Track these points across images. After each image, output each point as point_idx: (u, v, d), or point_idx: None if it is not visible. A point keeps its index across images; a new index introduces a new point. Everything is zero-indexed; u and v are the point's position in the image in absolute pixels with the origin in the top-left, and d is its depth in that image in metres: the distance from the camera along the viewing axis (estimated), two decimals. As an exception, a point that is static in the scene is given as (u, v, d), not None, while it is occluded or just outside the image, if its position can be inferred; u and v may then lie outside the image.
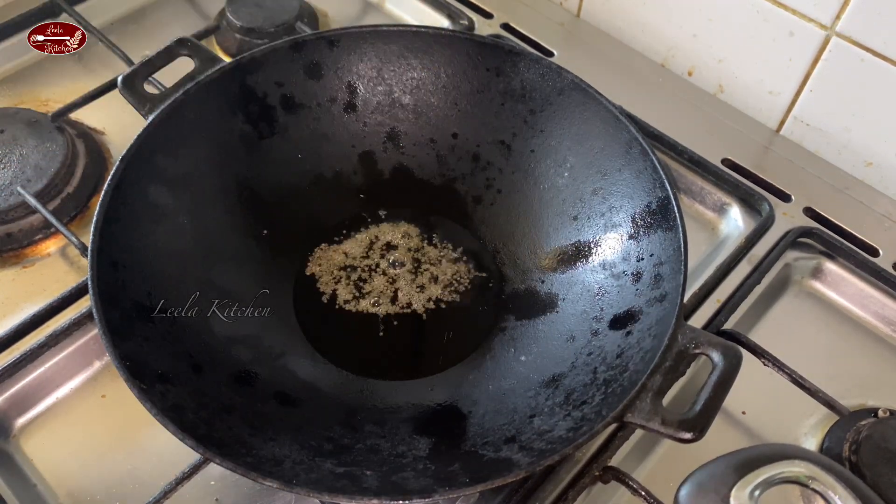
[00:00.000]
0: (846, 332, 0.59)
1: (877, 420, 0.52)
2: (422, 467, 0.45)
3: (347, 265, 0.57)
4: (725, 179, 0.65)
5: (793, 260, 0.61)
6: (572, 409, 0.45)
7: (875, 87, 0.63)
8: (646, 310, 0.48)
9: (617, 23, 0.77)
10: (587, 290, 0.53)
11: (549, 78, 0.54)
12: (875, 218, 0.64)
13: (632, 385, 0.42)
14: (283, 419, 0.47)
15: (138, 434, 0.51)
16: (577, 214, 0.55)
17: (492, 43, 0.56)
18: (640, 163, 0.51)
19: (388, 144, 0.60)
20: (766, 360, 0.54)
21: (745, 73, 0.70)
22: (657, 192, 0.50)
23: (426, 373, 0.53)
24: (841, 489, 0.40)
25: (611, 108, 0.52)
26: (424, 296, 0.56)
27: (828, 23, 0.63)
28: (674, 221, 0.48)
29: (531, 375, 0.50)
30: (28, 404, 0.53)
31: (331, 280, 0.56)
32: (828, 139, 0.68)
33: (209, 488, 0.49)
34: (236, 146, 0.55)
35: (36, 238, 0.60)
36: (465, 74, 0.57)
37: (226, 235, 0.54)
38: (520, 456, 0.43)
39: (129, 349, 0.42)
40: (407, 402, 0.51)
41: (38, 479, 0.50)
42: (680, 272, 0.46)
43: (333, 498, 0.40)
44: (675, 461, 0.51)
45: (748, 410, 0.54)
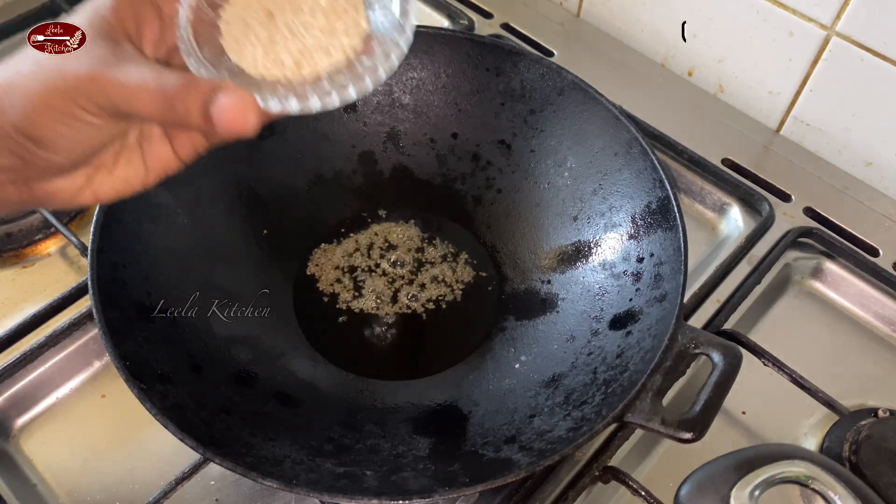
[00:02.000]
0: (846, 332, 0.59)
1: (877, 420, 0.52)
2: (422, 467, 0.45)
3: (347, 265, 0.57)
4: (725, 179, 0.65)
5: (793, 260, 0.61)
6: (572, 409, 0.45)
7: (875, 87, 0.63)
8: (646, 310, 0.48)
9: (617, 23, 0.77)
10: (587, 290, 0.53)
11: (549, 78, 0.54)
12: (875, 218, 0.64)
13: (632, 385, 0.42)
14: (283, 419, 0.47)
15: (138, 434, 0.51)
16: (578, 214, 0.55)
17: (492, 43, 0.56)
18: (640, 162, 0.51)
19: (388, 144, 0.60)
20: (766, 360, 0.54)
21: (745, 73, 0.70)
22: (657, 192, 0.50)
23: (426, 373, 0.53)
24: (841, 489, 0.40)
25: (611, 107, 0.52)
26: (424, 296, 0.56)
27: (828, 23, 0.63)
28: (674, 221, 0.48)
29: (531, 375, 0.50)
30: (28, 404, 0.53)
31: (331, 280, 0.56)
32: (828, 139, 0.68)
33: (209, 488, 0.49)
34: (236, 146, 0.54)
35: (36, 238, 0.60)
36: (465, 74, 0.57)
37: (226, 235, 0.54)
38: (520, 456, 0.43)
39: (129, 349, 0.42)
40: (407, 402, 0.51)
41: (38, 479, 0.50)
42: (680, 272, 0.46)
43: (333, 498, 0.40)
44: (675, 461, 0.51)
45: (748, 410, 0.54)
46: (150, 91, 0.34)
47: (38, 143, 0.34)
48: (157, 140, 0.39)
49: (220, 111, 0.33)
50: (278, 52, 0.38)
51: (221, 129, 0.34)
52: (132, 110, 0.34)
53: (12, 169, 0.34)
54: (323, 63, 0.38)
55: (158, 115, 0.34)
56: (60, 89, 0.33)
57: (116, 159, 0.38)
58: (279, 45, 0.38)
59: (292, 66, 0.38)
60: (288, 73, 0.38)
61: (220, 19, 0.40)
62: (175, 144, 0.40)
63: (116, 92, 0.34)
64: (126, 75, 0.34)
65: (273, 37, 0.38)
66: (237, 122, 0.34)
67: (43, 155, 0.34)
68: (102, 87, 0.33)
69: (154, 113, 0.34)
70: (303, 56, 0.38)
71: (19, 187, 0.35)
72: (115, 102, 0.34)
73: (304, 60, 0.38)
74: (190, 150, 0.40)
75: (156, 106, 0.34)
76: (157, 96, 0.34)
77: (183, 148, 0.40)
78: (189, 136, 0.40)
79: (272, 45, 0.38)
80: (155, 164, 0.39)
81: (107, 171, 0.38)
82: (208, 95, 0.34)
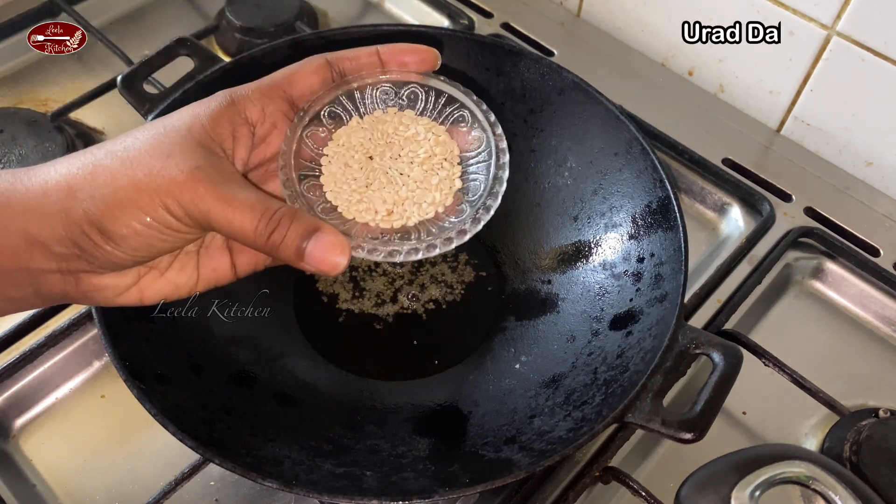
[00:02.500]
0: (847, 332, 0.59)
1: (877, 420, 0.52)
2: (422, 468, 0.45)
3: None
4: (726, 179, 0.65)
5: (793, 260, 0.61)
6: (572, 409, 0.45)
7: (876, 87, 0.63)
8: (646, 310, 0.47)
9: (617, 23, 0.77)
10: (587, 291, 0.53)
11: (549, 77, 0.54)
12: (875, 218, 0.64)
13: (632, 385, 0.42)
14: (283, 419, 0.47)
15: (138, 434, 0.51)
16: (578, 214, 0.55)
17: (492, 42, 0.56)
18: (641, 162, 0.51)
19: (388, 144, 0.59)
20: (766, 360, 0.54)
21: (745, 73, 0.70)
22: (657, 192, 0.50)
23: (426, 373, 0.53)
24: (841, 489, 0.40)
25: (611, 107, 0.52)
26: (424, 296, 0.56)
27: (828, 22, 0.63)
28: (674, 221, 0.48)
29: (531, 376, 0.50)
30: (28, 404, 0.53)
31: (331, 280, 0.56)
32: (828, 139, 0.68)
33: (209, 488, 0.49)
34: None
35: (35, 238, 0.60)
36: (464, 74, 0.57)
37: (225, 235, 0.54)
38: (520, 456, 0.43)
39: (128, 349, 0.42)
40: (407, 403, 0.51)
41: (38, 479, 0.50)
42: (680, 272, 0.46)
43: (333, 498, 0.40)
44: (675, 461, 0.51)
45: (749, 410, 0.54)
46: (254, 216, 0.33)
47: (107, 236, 0.33)
48: (216, 250, 0.39)
49: (315, 249, 0.34)
50: (372, 199, 0.38)
51: (311, 265, 0.34)
52: (227, 229, 0.34)
53: (66, 258, 0.33)
54: (414, 217, 0.38)
55: (251, 240, 0.34)
56: (152, 189, 0.33)
57: (171, 263, 0.38)
58: (374, 192, 0.38)
59: (384, 215, 0.38)
60: (379, 220, 0.38)
61: (322, 155, 0.40)
62: (235, 259, 0.40)
63: (217, 207, 0.33)
64: (233, 194, 0.33)
65: (370, 182, 0.39)
66: (328, 263, 0.34)
67: (108, 249, 0.33)
68: (201, 198, 0.33)
69: (248, 237, 0.34)
70: (395, 206, 0.38)
71: (65, 277, 0.34)
72: (211, 216, 0.33)
73: (397, 211, 0.38)
74: (250, 267, 0.40)
75: (253, 231, 0.33)
76: (261, 223, 0.33)
77: (242, 264, 0.40)
78: (254, 254, 0.39)
79: (367, 189, 0.38)
80: (208, 273, 0.39)
81: (158, 273, 0.37)
82: (308, 232, 0.34)
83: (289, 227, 0.34)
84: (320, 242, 0.34)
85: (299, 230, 0.34)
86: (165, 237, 0.34)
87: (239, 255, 0.40)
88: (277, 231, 0.33)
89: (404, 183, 0.39)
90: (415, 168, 0.39)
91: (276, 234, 0.33)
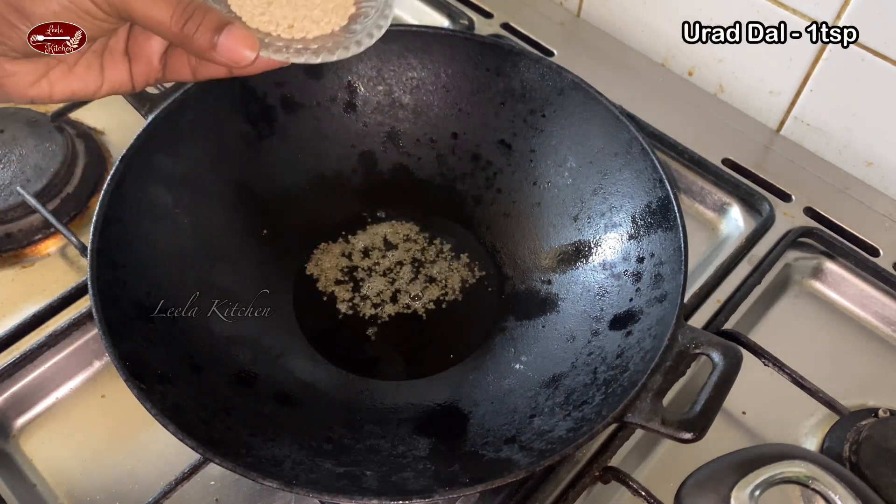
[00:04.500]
0: (846, 332, 0.59)
1: (877, 420, 0.52)
2: (422, 467, 0.45)
3: (347, 265, 0.57)
4: (726, 179, 0.65)
5: (793, 260, 0.61)
6: (572, 409, 0.45)
7: (875, 87, 0.63)
8: (646, 310, 0.48)
9: (617, 23, 0.77)
10: (587, 291, 0.53)
11: (550, 78, 0.54)
12: (875, 218, 0.64)
13: (632, 385, 0.42)
14: (283, 419, 0.47)
15: (138, 434, 0.51)
16: (578, 214, 0.55)
17: (492, 43, 0.56)
18: (641, 162, 0.51)
19: (387, 144, 0.60)
20: (766, 360, 0.54)
21: (745, 73, 0.70)
22: (657, 192, 0.50)
23: (426, 373, 0.53)
24: (841, 489, 0.40)
25: (611, 107, 0.52)
26: (424, 296, 0.56)
27: (828, 22, 0.63)
28: (674, 221, 0.48)
29: (531, 375, 0.50)
30: (28, 404, 0.53)
31: (330, 280, 0.56)
32: (828, 139, 0.68)
33: (209, 488, 0.49)
34: (236, 146, 0.55)
35: (36, 238, 0.60)
36: (465, 74, 0.57)
37: (226, 235, 0.54)
38: (520, 456, 0.43)
39: (128, 349, 0.42)
40: (407, 402, 0.51)
41: (38, 479, 0.50)
42: (680, 272, 0.46)
43: (333, 498, 0.40)
44: (675, 461, 0.51)
45: (748, 410, 0.54)
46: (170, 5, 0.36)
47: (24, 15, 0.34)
48: (118, 56, 0.41)
49: (226, 40, 0.36)
50: (274, 13, 0.42)
51: (222, 56, 0.37)
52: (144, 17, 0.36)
53: None
54: (312, 32, 0.42)
55: (168, 30, 0.36)
56: None
57: (78, 60, 0.39)
58: (276, 9, 0.42)
59: (285, 28, 0.42)
60: (281, 32, 0.42)
61: None
62: (133, 67, 0.41)
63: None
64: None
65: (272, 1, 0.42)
66: (237, 54, 0.37)
67: (24, 30, 0.35)
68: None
69: (165, 26, 0.36)
70: (296, 22, 0.42)
71: None
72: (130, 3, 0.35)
73: (296, 25, 0.42)
74: (144, 78, 0.42)
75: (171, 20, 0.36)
76: (176, 12, 0.36)
77: (139, 74, 0.42)
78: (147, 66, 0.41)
79: (269, 6, 0.42)
80: (111, 77, 0.41)
81: (66, 67, 0.39)
82: (220, 24, 0.36)
83: (203, 19, 0.36)
84: (231, 34, 0.37)
85: (212, 22, 0.36)
86: (81, 22, 0.36)
87: (136, 64, 0.41)
88: (192, 21, 0.36)
89: (304, 4, 0.43)
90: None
91: (191, 23, 0.36)
